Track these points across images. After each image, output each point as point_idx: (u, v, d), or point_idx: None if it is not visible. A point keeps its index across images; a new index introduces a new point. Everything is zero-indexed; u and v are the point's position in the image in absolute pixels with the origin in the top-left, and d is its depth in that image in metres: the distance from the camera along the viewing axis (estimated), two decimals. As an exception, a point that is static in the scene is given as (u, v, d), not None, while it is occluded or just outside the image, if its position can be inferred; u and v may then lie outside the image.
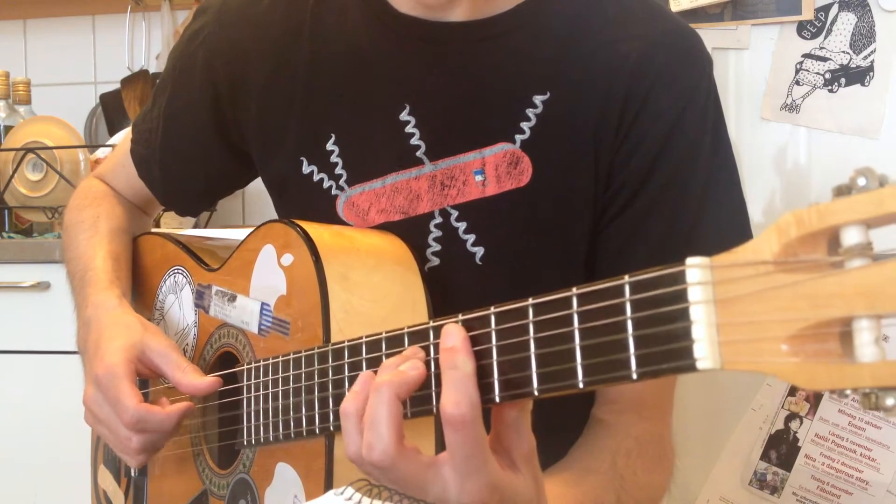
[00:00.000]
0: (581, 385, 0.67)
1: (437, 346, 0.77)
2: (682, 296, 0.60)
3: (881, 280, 0.50)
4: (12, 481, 2.09)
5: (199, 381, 1.03)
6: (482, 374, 0.74)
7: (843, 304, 0.51)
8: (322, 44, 1.11)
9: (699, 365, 0.58)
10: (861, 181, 0.51)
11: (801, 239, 0.54)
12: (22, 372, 2.08)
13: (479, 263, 1.06)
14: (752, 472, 1.87)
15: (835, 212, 0.52)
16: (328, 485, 0.90)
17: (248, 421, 1.01)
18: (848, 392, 0.52)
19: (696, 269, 0.59)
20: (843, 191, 0.52)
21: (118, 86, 2.61)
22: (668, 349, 0.60)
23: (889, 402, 0.50)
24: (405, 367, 0.77)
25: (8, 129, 2.41)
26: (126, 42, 2.73)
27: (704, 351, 0.58)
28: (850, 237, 0.52)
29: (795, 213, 0.54)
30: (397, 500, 0.76)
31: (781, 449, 1.86)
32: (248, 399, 1.01)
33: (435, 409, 0.77)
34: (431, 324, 0.79)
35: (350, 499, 0.77)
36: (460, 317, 0.76)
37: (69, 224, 1.32)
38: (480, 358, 0.74)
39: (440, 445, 0.85)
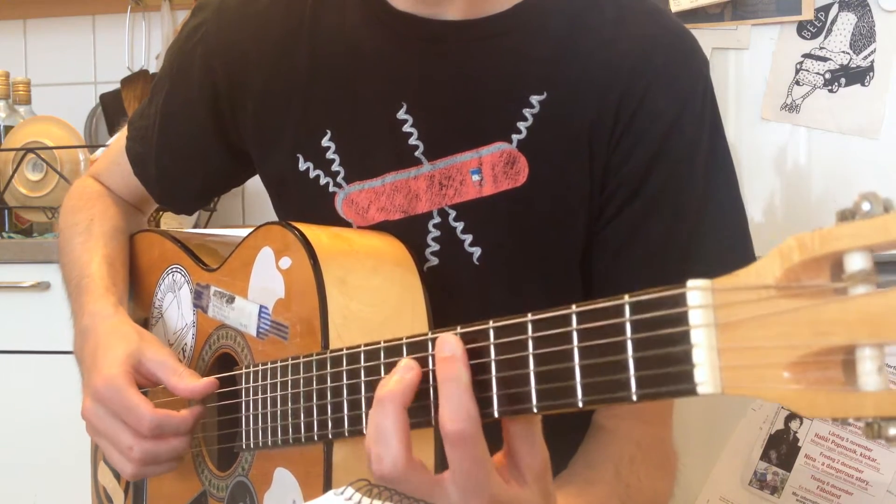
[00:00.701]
0: (580, 404, 0.66)
1: (434, 357, 0.76)
2: (682, 318, 0.59)
3: (885, 308, 0.49)
4: (12, 481, 2.09)
5: (194, 384, 1.03)
6: (481, 388, 0.73)
7: (846, 332, 0.51)
8: (321, 41, 1.11)
9: (700, 390, 0.58)
10: (865, 206, 0.50)
11: (804, 264, 0.53)
12: (22, 372, 2.09)
13: (477, 263, 1.05)
14: (752, 472, 1.87)
15: (838, 237, 0.52)
16: (326, 490, 0.90)
17: (247, 425, 1.01)
18: (850, 420, 0.51)
19: (696, 291, 0.59)
20: (846, 216, 0.51)
21: (118, 86, 2.61)
22: (669, 372, 0.60)
23: (892, 431, 0.49)
24: (399, 374, 0.76)
25: (8, 129, 2.41)
26: (126, 42, 2.73)
27: (705, 376, 0.58)
28: (854, 263, 0.52)
29: (798, 238, 0.53)
30: (397, 500, 0.76)
31: (781, 449, 1.86)
32: (247, 403, 1.01)
33: (433, 421, 0.77)
34: (430, 335, 0.78)
35: (350, 499, 0.77)
36: (459, 329, 0.75)
37: (64, 227, 1.31)
38: (479, 372, 0.73)
39: (439, 456, 0.85)
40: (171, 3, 2.66)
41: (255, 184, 1.29)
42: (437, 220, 1.06)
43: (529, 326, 0.70)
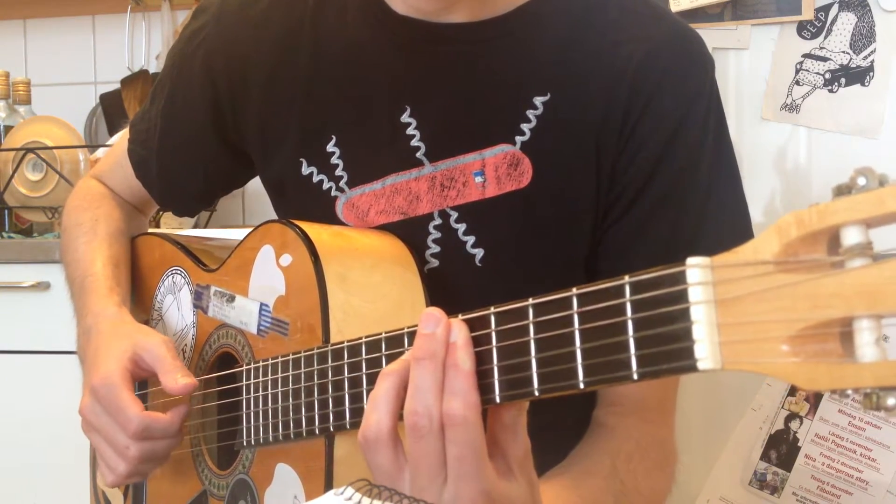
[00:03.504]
0: (582, 385, 0.67)
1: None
2: (682, 296, 0.59)
3: (881, 280, 0.50)
4: (12, 481, 2.09)
5: (176, 384, 1.02)
6: (482, 374, 0.74)
7: (844, 305, 0.51)
8: (322, 45, 1.11)
9: (700, 365, 0.58)
10: (861, 181, 0.50)
11: (802, 239, 0.53)
12: (22, 372, 2.08)
13: (479, 265, 1.05)
14: (752, 472, 1.87)
15: (835, 211, 0.52)
16: (328, 485, 0.90)
17: (248, 422, 1.01)
18: (849, 392, 0.51)
19: (696, 269, 0.59)
20: (843, 190, 0.52)
21: (118, 86, 2.61)
22: (669, 349, 0.60)
23: (890, 401, 0.49)
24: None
25: (8, 129, 2.41)
26: (126, 42, 2.73)
27: (705, 351, 0.58)
28: (851, 237, 0.52)
29: (796, 214, 0.54)
30: (397, 500, 0.76)
31: (781, 449, 1.86)
32: (248, 400, 1.01)
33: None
34: None
35: (350, 499, 0.76)
36: (460, 317, 0.76)
37: (68, 226, 1.32)
38: (480, 358, 0.74)
39: None
40: (171, 3, 2.66)
41: (255, 184, 1.29)
42: (437, 221, 1.06)
43: (531, 311, 0.71)
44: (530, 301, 0.71)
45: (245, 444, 1.02)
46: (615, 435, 1.05)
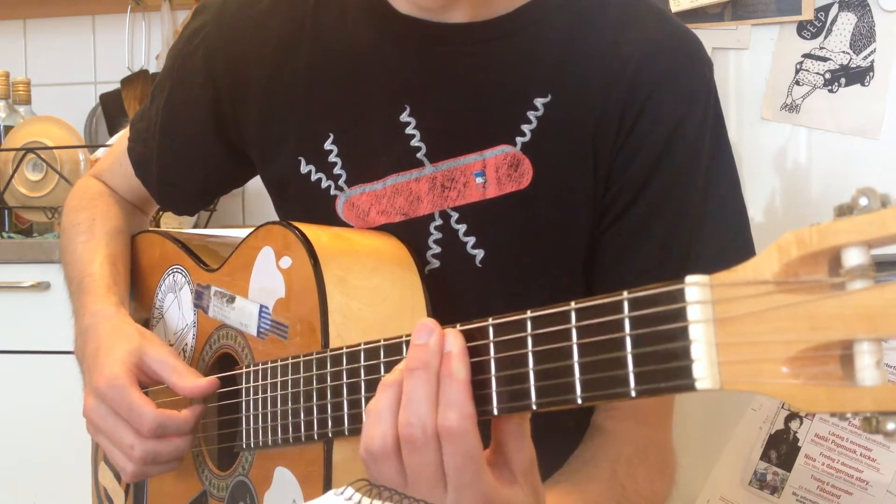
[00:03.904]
0: (579, 401, 0.66)
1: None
2: (681, 314, 0.59)
3: (883, 302, 0.49)
4: (12, 481, 2.09)
5: (195, 383, 1.03)
6: (479, 385, 0.73)
7: (844, 327, 0.51)
8: (323, 44, 1.11)
9: (698, 385, 0.58)
10: (863, 201, 0.50)
11: (802, 259, 0.53)
12: (22, 372, 2.08)
13: (480, 266, 1.05)
14: (752, 472, 1.87)
15: (836, 232, 0.52)
16: (326, 490, 0.90)
17: (247, 424, 1.01)
18: (848, 416, 0.51)
19: (695, 287, 0.59)
20: (844, 211, 0.51)
21: (118, 86, 2.61)
22: (667, 368, 0.60)
23: (890, 426, 0.49)
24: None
25: (8, 129, 2.41)
26: (126, 42, 2.72)
27: (704, 371, 0.58)
28: (852, 258, 0.52)
29: (797, 233, 0.53)
30: (397, 500, 0.76)
31: (781, 449, 1.85)
32: (247, 402, 1.01)
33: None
34: None
35: (350, 499, 0.76)
36: (458, 327, 0.76)
37: (66, 226, 1.31)
38: (478, 369, 0.74)
39: None
40: (171, 3, 2.66)
41: (255, 184, 1.29)
42: (438, 222, 1.06)
43: (528, 323, 0.70)
44: (528, 314, 0.71)
45: (244, 446, 1.02)
46: (614, 439, 1.05)
